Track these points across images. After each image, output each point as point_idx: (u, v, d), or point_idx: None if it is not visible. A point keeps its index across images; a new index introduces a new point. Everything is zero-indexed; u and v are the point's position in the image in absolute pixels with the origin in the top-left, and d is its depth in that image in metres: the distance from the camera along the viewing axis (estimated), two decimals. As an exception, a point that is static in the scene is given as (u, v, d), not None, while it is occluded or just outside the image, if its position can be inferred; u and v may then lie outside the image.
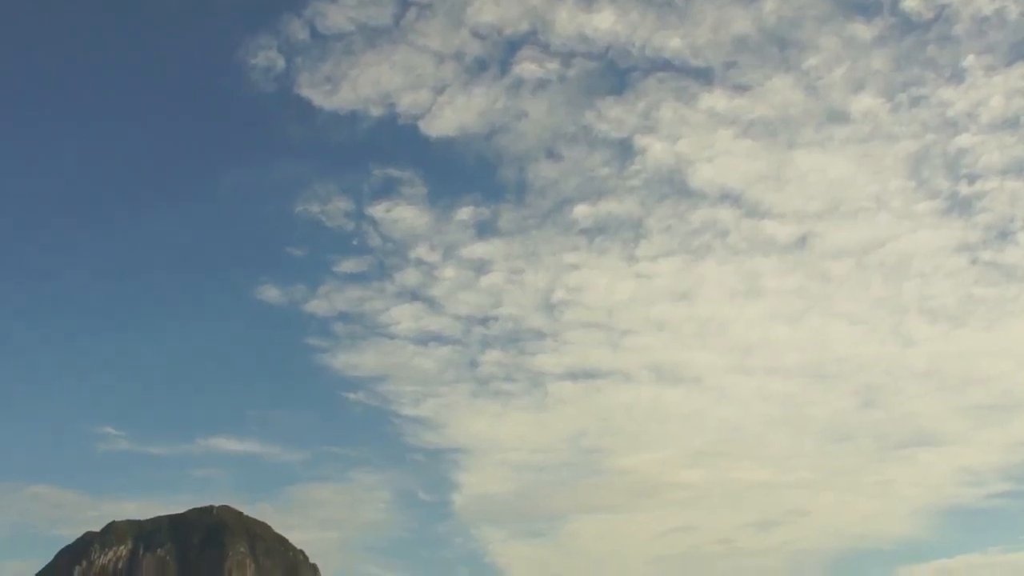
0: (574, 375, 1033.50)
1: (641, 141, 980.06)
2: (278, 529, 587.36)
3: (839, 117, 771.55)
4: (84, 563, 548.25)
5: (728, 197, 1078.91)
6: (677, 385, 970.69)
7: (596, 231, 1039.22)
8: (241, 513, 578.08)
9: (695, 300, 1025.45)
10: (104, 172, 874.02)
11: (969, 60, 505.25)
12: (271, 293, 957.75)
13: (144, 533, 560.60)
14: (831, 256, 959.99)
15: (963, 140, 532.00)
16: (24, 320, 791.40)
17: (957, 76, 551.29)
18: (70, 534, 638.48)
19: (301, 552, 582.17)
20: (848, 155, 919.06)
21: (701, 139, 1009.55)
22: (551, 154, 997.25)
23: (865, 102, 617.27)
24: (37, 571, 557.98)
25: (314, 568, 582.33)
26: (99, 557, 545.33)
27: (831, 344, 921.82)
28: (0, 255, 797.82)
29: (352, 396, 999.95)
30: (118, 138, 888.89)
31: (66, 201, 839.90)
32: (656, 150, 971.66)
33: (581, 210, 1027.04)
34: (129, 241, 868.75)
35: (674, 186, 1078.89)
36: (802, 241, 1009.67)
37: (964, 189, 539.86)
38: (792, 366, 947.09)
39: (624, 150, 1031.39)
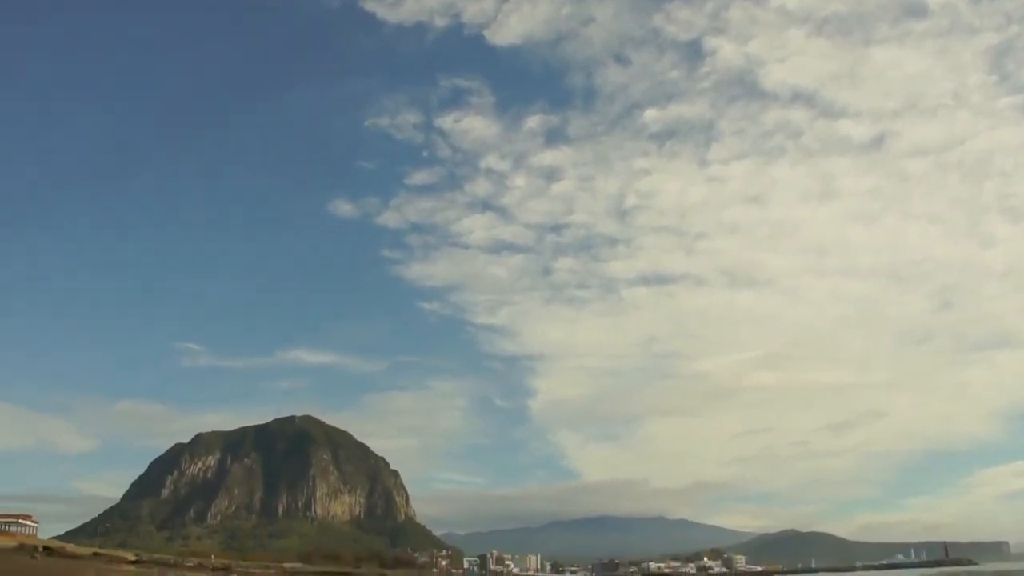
0: (647, 280, 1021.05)
1: (711, 43, 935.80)
2: (358, 437, 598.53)
3: (916, 10, 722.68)
4: (175, 473, 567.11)
5: (801, 97, 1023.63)
6: (750, 288, 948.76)
7: (666, 135, 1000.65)
8: (322, 422, 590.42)
9: (768, 202, 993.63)
10: (170, 95, 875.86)
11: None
12: (344, 207, 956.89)
13: (230, 443, 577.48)
14: (908, 155, 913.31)
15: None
16: (105, 244, 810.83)
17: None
18: (159, 445, 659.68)
19: (382, 459, 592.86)
20: (926, 50, 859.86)
21: (772, 39, 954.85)
22: (619, 59, 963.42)
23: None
24: (132, 480, 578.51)
25: (395, 474, 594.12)
26: (189, 467, 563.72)
27: (908, 245, 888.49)
28: (76, 181, 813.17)
29: (427, 306, 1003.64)
30: (185, 59, 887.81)
31: (137, 126, 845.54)
32: (726, 51, 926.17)
33: (651, 115, 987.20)
34: (204, 161, 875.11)
35: (745, 87, 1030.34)
36: (878, 140, 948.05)
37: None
38: (868, 267, 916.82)
39: (693, 52, 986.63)
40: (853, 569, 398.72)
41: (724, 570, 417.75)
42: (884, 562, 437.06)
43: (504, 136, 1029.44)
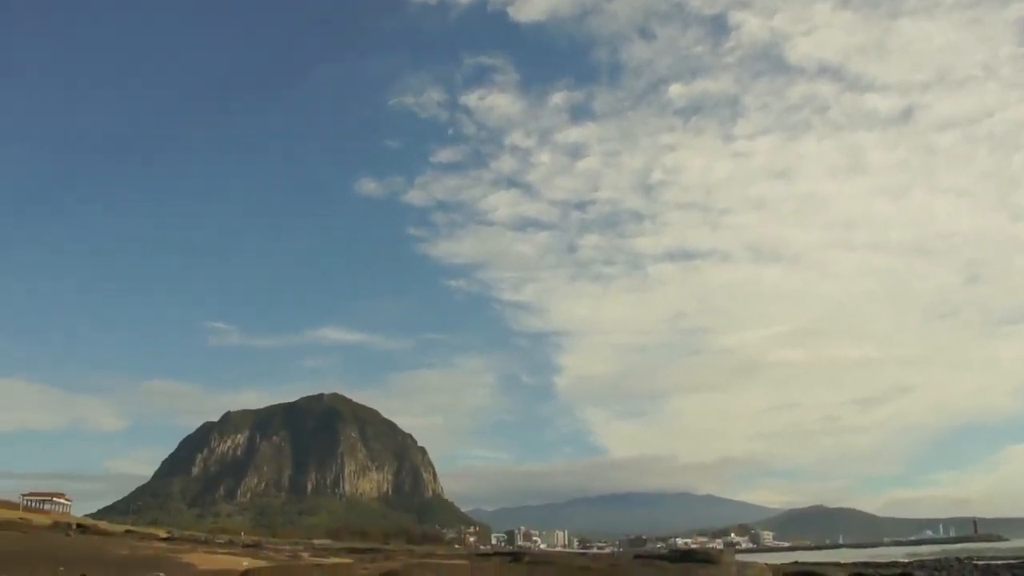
0: (673, 256, 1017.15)
1: (736, 16, 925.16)
2: (386, 414, 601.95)
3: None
4: (205, 451, 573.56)
5: (827, 71, 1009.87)
6: (777, 263, 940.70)
7: (692, 111, 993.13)
8: (350, 400, 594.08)
9: (794, 177, 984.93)
10: (197, 75, 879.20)
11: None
12: (369, 186, 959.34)
13: (259, 421, 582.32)
14: (937, 128, 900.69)
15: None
16: (134, 226, 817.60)
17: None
18: (189, 424, 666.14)
19: (409, 436, 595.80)
20: (955, 21, 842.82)
21: (798, 12, 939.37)
22: (644, 34, 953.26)
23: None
24: (163, 459, 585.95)
25: (422, 451, 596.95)
26: (219, 445, 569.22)
27: (936, 218, 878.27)
28: (104, 163, 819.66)
29: (453, 283, 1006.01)
30: (212, 40, 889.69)
31: (164, 107, 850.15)
32: (752, 25, 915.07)
33: (676, 90, 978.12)
34: (231, 141, 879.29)
35: (771, 62, 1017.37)
36: (906, 113, 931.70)
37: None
38: (895, 242, 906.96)
39: (718, 26, 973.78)
40: (881, 545, 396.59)
41: (751, 546, 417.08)
42: (912, 538, 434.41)
43: (529, 113, 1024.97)
